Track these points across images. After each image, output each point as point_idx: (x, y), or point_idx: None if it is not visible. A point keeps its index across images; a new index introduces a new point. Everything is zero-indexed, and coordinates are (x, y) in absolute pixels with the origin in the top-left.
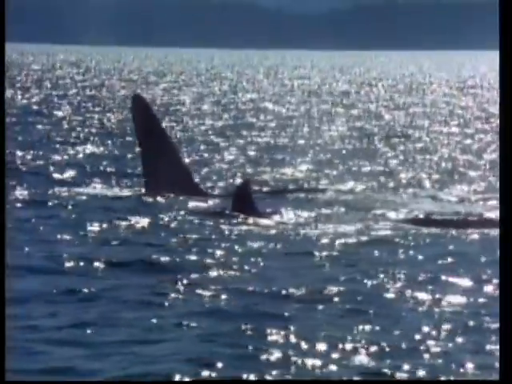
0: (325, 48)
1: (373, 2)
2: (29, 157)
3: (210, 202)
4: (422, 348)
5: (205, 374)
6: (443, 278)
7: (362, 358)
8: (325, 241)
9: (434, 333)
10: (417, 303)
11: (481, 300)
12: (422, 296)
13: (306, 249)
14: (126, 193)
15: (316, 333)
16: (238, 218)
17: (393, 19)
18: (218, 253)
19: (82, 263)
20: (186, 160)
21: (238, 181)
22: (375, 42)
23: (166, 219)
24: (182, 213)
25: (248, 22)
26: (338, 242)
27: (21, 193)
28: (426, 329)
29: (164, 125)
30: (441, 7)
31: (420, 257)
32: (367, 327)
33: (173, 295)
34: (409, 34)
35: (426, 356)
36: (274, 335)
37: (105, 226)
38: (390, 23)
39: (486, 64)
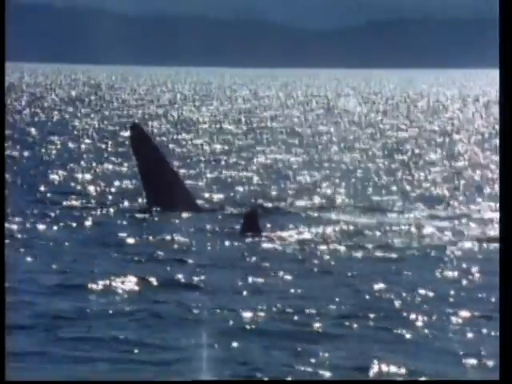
0: (334, 66)
1: (385, 17)
2: (51, 176)
3: (218, 220)
4: (451, 369)
5: None
6: (470, 296)
7: (390, 377)
8: (344, 259)
9: (464, 354)
10: (447, 321)
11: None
12: (451, 315)
13: (327, 268)
14: (146, 210)
15: (345, 351)
16: (255, 239)
17: (404, 36)
18: (245, 271)
19: (111, 280)
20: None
21: (250, 206)
22: (383, 61)
23: (184, 236)
24: (194, 230)
25: (258, 39)
26: (356, 259)
27: (43, 211)
28: (457, 349)
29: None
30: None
31: (448, 274)
32: (395, 346)
33: (206, 313)
34: (418, 51)
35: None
36: (305, 352)
37: (129, 242)
38: (401, 41)
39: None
